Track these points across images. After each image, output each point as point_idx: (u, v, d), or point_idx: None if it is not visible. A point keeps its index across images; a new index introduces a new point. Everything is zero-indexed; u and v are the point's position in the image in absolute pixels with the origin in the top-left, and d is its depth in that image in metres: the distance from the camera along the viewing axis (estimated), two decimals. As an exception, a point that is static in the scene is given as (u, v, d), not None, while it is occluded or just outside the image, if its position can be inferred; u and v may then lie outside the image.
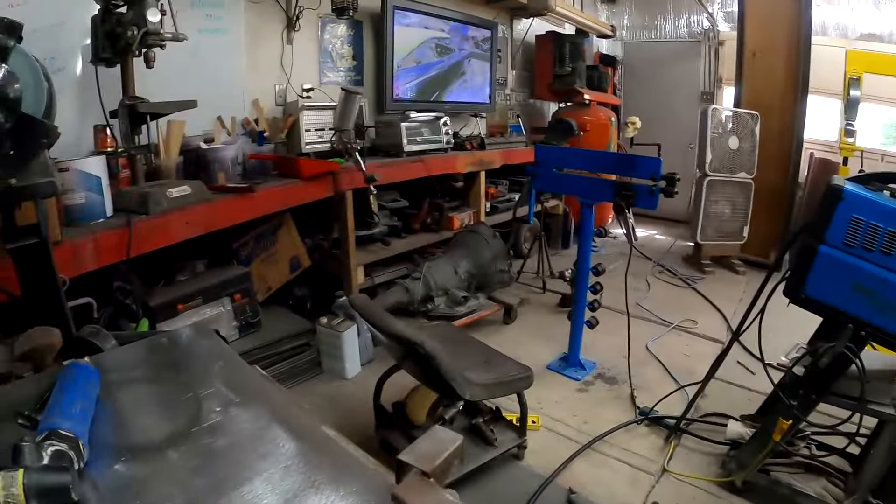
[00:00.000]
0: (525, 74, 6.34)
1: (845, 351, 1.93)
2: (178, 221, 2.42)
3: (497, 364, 2.30)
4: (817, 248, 1.97)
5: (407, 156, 3.85)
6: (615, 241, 6.19)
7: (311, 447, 0.95)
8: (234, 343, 2.89)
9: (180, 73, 3.01)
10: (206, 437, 0.96)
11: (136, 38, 2.26)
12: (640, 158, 2.93)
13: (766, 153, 5.42)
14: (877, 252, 1.89)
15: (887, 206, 1.90)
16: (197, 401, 1.06)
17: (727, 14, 7.00)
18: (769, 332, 2.25)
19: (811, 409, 2.07)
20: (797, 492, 2.20)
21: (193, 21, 3.11)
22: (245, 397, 1.07)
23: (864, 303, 1.92)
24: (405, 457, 0.75)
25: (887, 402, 1.99)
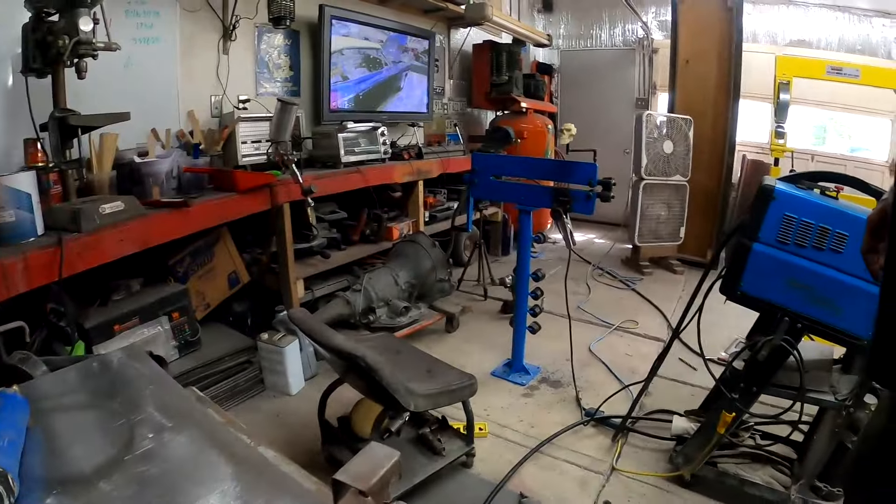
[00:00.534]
0: (462, 83, 6.38)
1: (783, 343, 2.01)
2: (112, 239, 2.33)
3: (440, 373, 2.29)
4: (751, 247, 2.05)
5: (344, 167, 3.82)
6: (554, 247, 6.29)
7: (247, 470, 0.92)
8: (174, 363, 2.80)
9: (113, 84, 2.92)
10: (139, 466, 0.92)
11: (67, 47, 2.18)
12: (577, 164, 2.98)
13: (700, 156, 5.62)
14: (809, 248, 1.98)
15: (817, 204, 1.99)
16: (129, 427, 1.02)
17: (661, 23, 7.21)
18: (708, 329, 2.32)
19: (753, 402, 2.15)
20: (745, 481, 2.27)
21: (127, 30, 3.01)
22: (178, 421, 1.04)
23: (799, 296, 2.00)
24: (341, 476, 0.73)
25: (826, 390, 2.08)
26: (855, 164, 6.48)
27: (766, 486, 2.25)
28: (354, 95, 4.46)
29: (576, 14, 7.89)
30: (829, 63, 4.77)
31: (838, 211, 1.97)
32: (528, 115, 6.01)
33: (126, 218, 2.43)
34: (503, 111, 6.22)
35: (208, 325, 3.23)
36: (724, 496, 2.28)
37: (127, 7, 3.04)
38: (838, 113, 6.63)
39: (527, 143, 5.64)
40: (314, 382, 3.10)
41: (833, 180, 2.16)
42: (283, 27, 3.78)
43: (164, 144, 3.16)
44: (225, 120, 3.53)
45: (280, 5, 3.60)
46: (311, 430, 2.52)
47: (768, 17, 6.55)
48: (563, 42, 8.02)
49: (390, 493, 0.76)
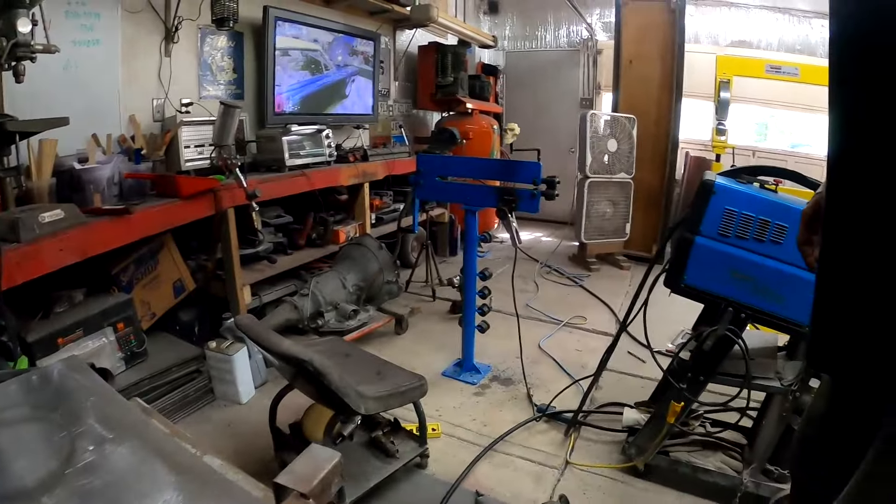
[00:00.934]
0: (408, 85, 6.39)
1: (727, 333, 2.06)
2: (52, 248, 2.26)
3: (390, 375, 2.29)
4: (693, 240, 2.10)
5: (289, 170, 3.77)
6: (502, 246, 6.36)
7: (191, 479, 0.91)
8: (121, 375, 2.73)
9: (52, 87, 2.83)
10: (80, 479, 0.90)
11: (4, 49, 2.12)
12: (521, 164, 3.02)
13: (644, 154, 5.76)
14: (750, 240, 2.04)
15: (756, 197, 2.05)
16: (70, 440, 0.99)
17: (605, 24, 7.35)
18: (655, 322, 2.38)
19: (700, 391, 2.20)
20: (697, 468, 2.34)
21: (67, 32, 2.91)
22: (119, 433, 1.02)
23: (741, 287, 2.06)
24: (282, 479, 0.74)
25: (772, 376, 2.16)
26: (796, 159, 6.72)
27: (718, 471, 2.32)
28: (299, 98, 4.41)
29: (521, 15, 7.98)
30: (768, 62, 4.93)
31: (777, 203, 2.04)
32: (473, 116, 6.06)
33: (66, 226, 2.37)
34: (449, 112, 6.25)
35: (154, 335, 3.16)
36: (678, 484, 2.34)
37: (67, 8, 2.94)
38: (780, 110, 6.88)
39: (472, 144, 5.69)
40: (265, 390, 3.06)
41: (771, 174, 2.23)
42: (227, 29, 3.71)
43: (106, 150, 3.07)
44: (167, 124, 3.46)
45: (223, 6, 3.54)
46: (264, 439, 2.49)
47: (710, 18, 6.76)
48: (508, 43, 8.10)
49: (332, 494, 0.76)
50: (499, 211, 2.97)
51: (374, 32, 5.20)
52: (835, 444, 1.18)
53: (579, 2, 6.97)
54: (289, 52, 4.23)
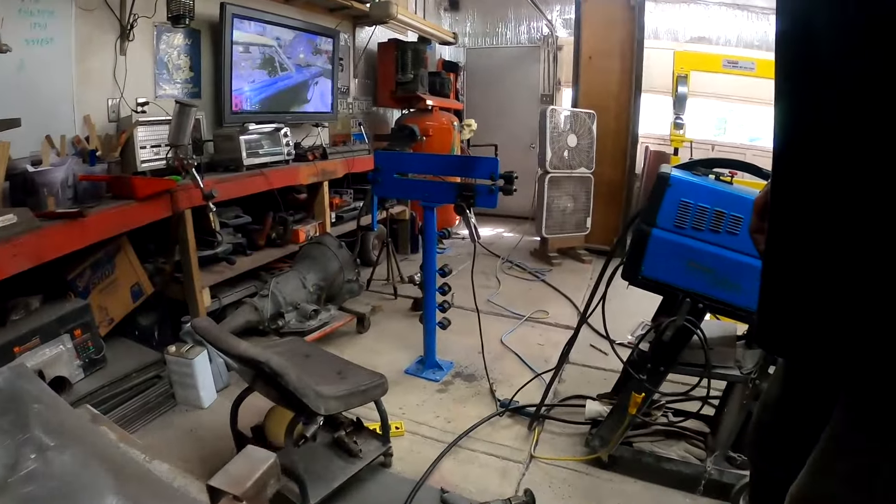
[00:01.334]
0: (368, 82, 6.37)
1: (685, 324, 2.09)
2: (5, 255, 2.22)
3: (350, 375, 2.29)
4: (650, 232, 2.12)
5: (247, 170, 3.74)
6: (463, 242, 6.38)
7: (133, 486, 0.91)
8: (79, 383, 2.68)
9: (4, 88, 2.77)
10: (23, 486, 0.90)
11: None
12: (478, 159, 3.04)
13: (604, 149, 5.82)
14: (706, 231, 2.06)
15: (711, 189, 2.08)
16: (15, 448, 0.98)
17: (565, 21, 7.40)
18: (615, 314, 2.41)
19: (661, 381, 2.23)
20: (661, 457, 2.37)
21: (19, 31, 2.84)
22: (62, 440, 1.01)
23: (698, 278, 2.08)
24: (215, 482, 0.74)
25: (732, 365, 2.20)
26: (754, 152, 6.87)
27: (681, 460, 2.36)
28: (257, 96, 4.37)
29: (482, 12, 8.00)
30: (725, 57, 5.01)
31: (732, 195, 2.07)
32: (433, 113, 6.08)
33: (19, 231, 2.32)
34: (409, 109, 6.28)
35: (113, 341, 3.12)
36: (642, 473, 2.38)
37: (20, 6, 2.86)
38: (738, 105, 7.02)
39: (433, 141, 5.72)
40: (227, 393, 3.01)
41: (727, 166, 2.25)
42: (183, 26, 3.64)
43: (60, 152, 3.01)
44: (123, 124, 3.40)
45: (179, 3, 3.48)
46: (227, 443, 2.46)
47: (670, 15, 6.87)
48: (469, 40, 8.12)
49: (268, 496, 0.77)
50: (457, 207, 2.98)
51: (334, 29, 5.17)
52: (790, 427, 1.21)
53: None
54: (248, 50, 4.18)
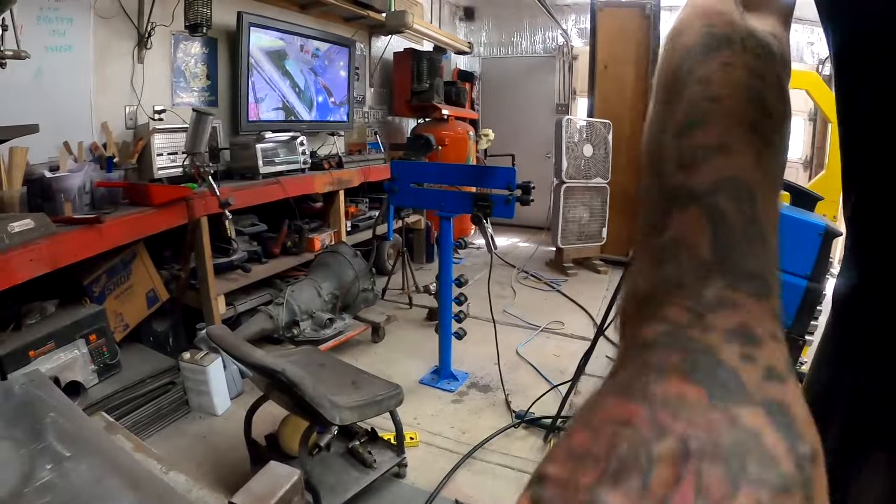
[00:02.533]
0: (383, 92, 6.38)
1: None
2: (22, 259, 2.21)
3: (365, 385, 2.27)
4: None
5: (263, 178, 3.75)
6: (478, 252, 6.34)
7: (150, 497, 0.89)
8: (94, 388, 2.67)
9: (23, 94, 2.78)
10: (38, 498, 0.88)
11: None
12: (496, 169, 3.02)
13: (620, 158, 5.79)
14: None
15: None
16: (30, 458, 0.97)
17: (580, 30, 7.40)
18: (632, 326, 2.37)
19: None
20: None
21: (38, 38, 2.85)
22: (78, 450, 1.00)
23: None
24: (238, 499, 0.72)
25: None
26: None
27: None
28: (273, 105, 4.38)
29: (497, 22, 8.01)
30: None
31: None
32: (449, 123, 6.07)
33: (37, 236, 2.32)
34: (424, 119, 6.27)
35: (128, 347, 3.11)
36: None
37: (39, 13, 2.88)
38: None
39: (448, 150, 5.70)
40: (241, 401, 3.01)
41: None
42: (200, 35, 3.65)
43: (77, 158, 3.03)
44: (140, 132, 3.41)
45: (197, 12, 3.49)
46: (240, 451, 2.44)
47: (685, 22, 6.83)
48: (484, 49, 8.13)
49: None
50: (473, 217, 2.96)
51: (350, 39, 5.19)
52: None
53: (555, 8, 7.02)
54: (262, 60, 4.20)
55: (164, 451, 2.54)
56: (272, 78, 4.32)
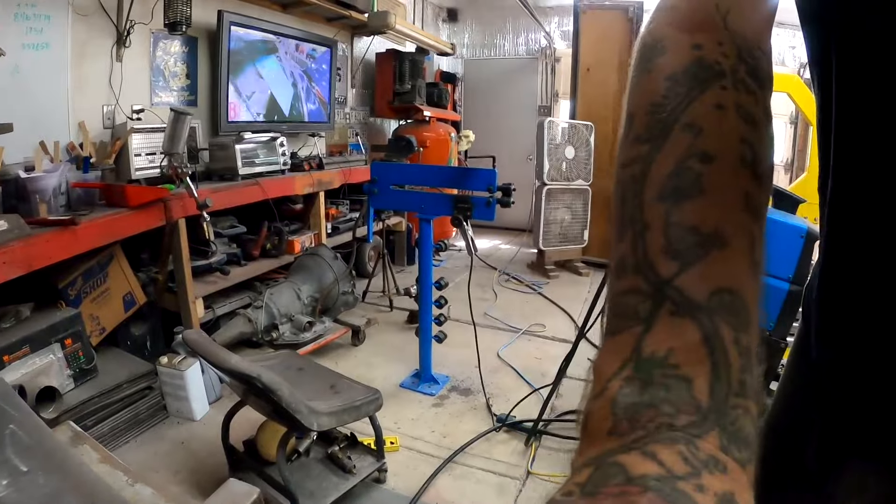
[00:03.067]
0: (365, 92, 6.35)
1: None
2: (-4, 262, 2.17)
3: (344, 389, 2.25)
4: None
5: (243, 179, 3.71)
6: (459, 254, 6.35)
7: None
8: (70, 393, 2.62)
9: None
10: (-7, 516, 0.85)
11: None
12: (476, 171, 3.01)
13: (602, 161, 5.81)
14: None
15: None
16: (-14, 474, 0.94)
17: (564, 32, 7.43)
18: (615, 328, 2.37)
19: None
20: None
21: (15, 36, 2.81)
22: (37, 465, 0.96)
23: None
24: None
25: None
26: (752, 164, 6.88)
27: None
28: (253, 105, 4.35)
29: (480, 24, 8.01)
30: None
31: None
32: (431, 124, 6.06)
33: (10, 238, 2.28)
34: (406, 120, 6.26)
35: (104, 351, 3.06)
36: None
37: (16, 10, 2.83)
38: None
39: (430, 152, 5.69)
40: (220, 405, 2.97)
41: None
42: (180, 33, 3.63)
43: (53, 158, 2.97)
44: (117, 131, 3.36)
45: (177, 10, 3.47)
46: (218, 457, 2.41)
47: (668, 25, 6.88)
48: (467, 51, 8.13)
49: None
50: (454, 219, 2.95)
51: (331, 39, 5.17)
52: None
53: (538, 10, 7.03)
54: (242, 59, 4.16)
55: (141, 457, 2.53)
56: (252, 78, 4.28)
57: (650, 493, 0.23)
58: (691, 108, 0.38)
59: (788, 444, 0.68)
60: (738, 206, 0.35)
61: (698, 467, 0.26)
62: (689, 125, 0.37)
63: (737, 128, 0.37)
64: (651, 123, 0.39)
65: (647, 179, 0.37)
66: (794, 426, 0.70)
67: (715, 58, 0.40)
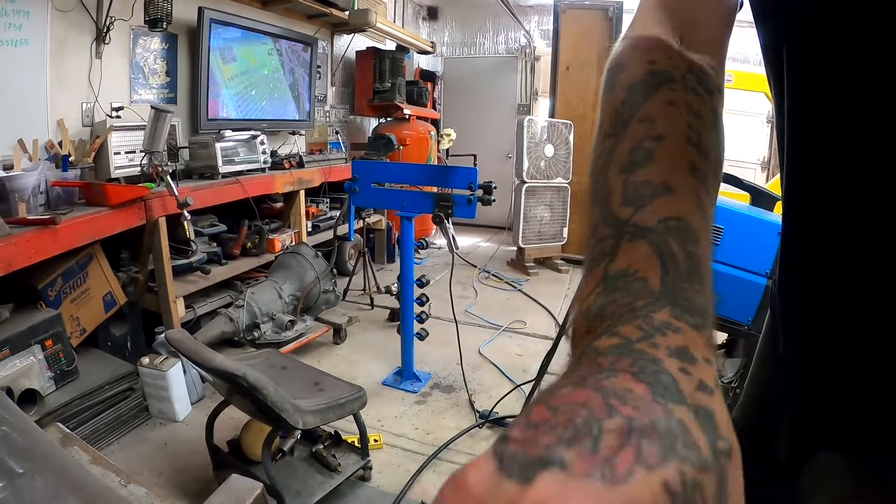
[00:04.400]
0: (345, 90, 6.35)
1: None
2: (-25, 262, 2.14)
3: (328, 387, 2.26)
4: None
5: (223, 177, 3.70)
6: (440, 252, 6.35)
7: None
8: (51, 396, 2.59)
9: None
10: (-8, 518, 0.86)
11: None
12: (457, 169, 3.02)
13: (581, 159, 5.86)
14: None
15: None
16: (-19, 476, 0.94)
17: (543, 31, 7.48)
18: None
19: None
20: None
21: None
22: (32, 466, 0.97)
23: None
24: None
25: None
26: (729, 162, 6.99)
27: None
28: (233, 103, 4.32)
29: (460, 22, 8.03)
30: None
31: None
32: (410, 122, 6.09)
33: (-10, 238, 2.25)
34: (386, 118, 6.27)
35: (85, 352, 3.02)
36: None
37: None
38: (714, 115, 7.14)
39: (410, 150, 5.71)
40: (202, 405, 2.97)
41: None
42: (160, 30, 3.60)
43: (32, 156, 2.94)
44: (97, 129, 3.32)
45: (157, 7, 3.43)
46: (203, 457, 2.41)
47: (647, 24, 6.96)
48: (447, 49, 8.15)
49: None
50: (435, 217, 2.96)
51: (312, 37, 5.15)
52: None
53: (518, 9, 7.06)
54: (223, 56, 4.14)
55: (124, 459, 2.51)
56: (232, 75, 4.26)
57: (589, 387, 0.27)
58: (646, 105, 0.45)
59: (761, 438, 0.72)
60: (685, 171, 0.42)
61: (652, 332, 0.31)
62: (644, 118, 0.45)
63: (685, 117, 0.45)
64: (615, 122, 0.47)
65: (611, 162, 0.44)
66: (766, 419, 0.74)
67: (666, 68, 0.48)
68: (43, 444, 1.06)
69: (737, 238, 1.99)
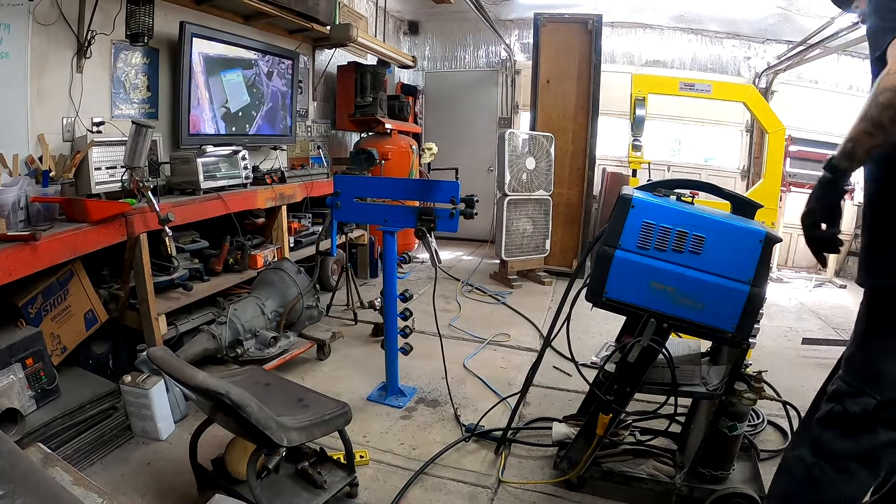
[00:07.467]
0: (326, 105, 6.36)
1: (651, 343, 2.10)
2: (-46, 279, 2.10)
3: (312, 404, 2.24)
4: (613, 254, 2.10)
5: (204, 193, 3.67)
6: (423, 266, 6.38)
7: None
8: (32, 415, 2.54)
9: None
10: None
11: None
12: (439, 183, 3.02)
13: (562, 171, 5.93)
14: (669, 251, 2.05)
15: (674, 210, 2.09)
16: (-38, 499, 0.93)
17: (524, 45, 7.59)
18: (579, 336, 2.42)
19: (628, 401, 2.23)
20: (630, 476, 2.37)
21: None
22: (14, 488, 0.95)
23: (662, 298, 2.07)
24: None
25: (698, 382, 2.25)
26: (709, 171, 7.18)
27: (651, 478, 2.36)
28: (215, 118, 4.31)
29: (441, 36, 8.10)
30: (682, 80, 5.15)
31: (695, 215, 2.08)
32: (392, 136, 6.11)
33: (-30, 255, 2.22)
34: (368, 133, 6.28)
35: (66, 371, 2.98)
36: (612, 493, 2.41)
37: (-24, 19, 2.77)
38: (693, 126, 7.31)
39: (392, 164, 5.73)
40: (185, 424, 2.93)
41: (687, 187, 2.29)
42: (142, 44, 3.59)
43: (12, 172, 2.91)
44: (77, 144, 3.30)
45: (138, 21, 3.42)
46: (187, 476, 2.38)
47: (626, 39, 7.15)
48: (428, 63, 8.21)
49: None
50: (417, 231, 2.96)
51: (293, 51, 5.16)
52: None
53: (498, 23, 7.14)
54: (204, 71, 4.13)
55: (106, 480, 2.47)
56: (214, 90, 4.25)
57: None
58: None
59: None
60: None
61: None
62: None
63: None
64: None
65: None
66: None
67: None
68: (23, 464, 1.05)
69: (719, 246, 2.01)
